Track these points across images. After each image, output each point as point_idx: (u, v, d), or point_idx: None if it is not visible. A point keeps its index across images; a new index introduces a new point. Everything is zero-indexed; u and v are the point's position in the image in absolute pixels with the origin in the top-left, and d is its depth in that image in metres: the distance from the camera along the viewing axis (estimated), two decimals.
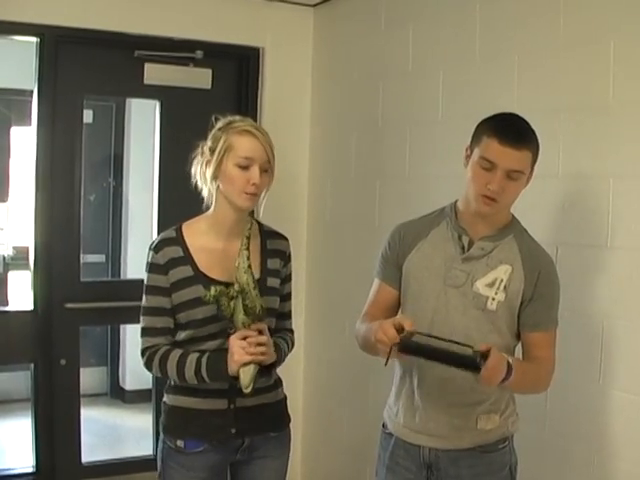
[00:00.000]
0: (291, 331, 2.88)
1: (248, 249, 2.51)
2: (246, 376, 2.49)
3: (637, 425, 2.75)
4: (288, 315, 2.87)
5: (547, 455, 3.06)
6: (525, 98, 3.18)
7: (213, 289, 2.46)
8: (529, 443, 2.98)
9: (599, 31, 2.88)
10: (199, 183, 2.70)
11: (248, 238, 2.52)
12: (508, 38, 3.28)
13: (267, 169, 2.62)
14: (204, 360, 2.56)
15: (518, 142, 2.35)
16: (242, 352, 2.47)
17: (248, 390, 2.50)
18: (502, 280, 2.44)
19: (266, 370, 2.58)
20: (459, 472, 2.50)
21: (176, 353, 2.61)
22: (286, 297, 2.82)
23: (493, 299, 2.43)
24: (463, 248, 2.49)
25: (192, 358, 2.58)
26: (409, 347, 2.22)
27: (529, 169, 2.41)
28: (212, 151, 2.60)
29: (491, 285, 2.44)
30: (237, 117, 2.69)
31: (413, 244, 2.58)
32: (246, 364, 2.49)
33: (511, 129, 2.38)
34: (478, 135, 2.43)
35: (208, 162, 2.61)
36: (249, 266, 2.49)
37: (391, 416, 2.65)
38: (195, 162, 2.71)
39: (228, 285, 2.52)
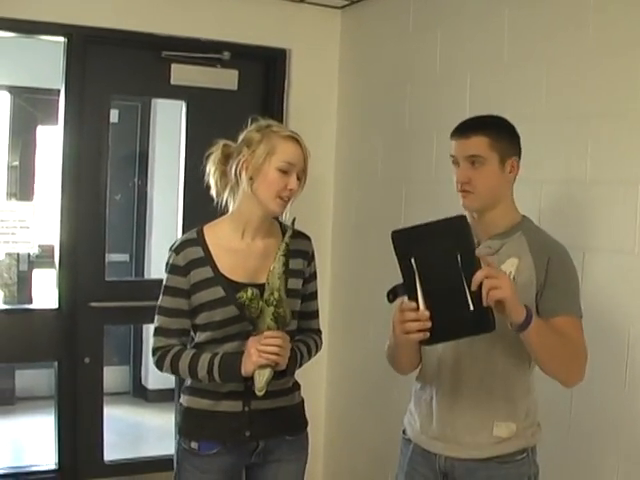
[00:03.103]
0: (318, 331, 2.88)
1: (286, 255, 2.52)
2: (262, 378, 2.50)
3: None
4: (315, 314, 2.87)
5: (572, 463, 3.04)
6: (553, 104, 3.16)
7: (250, 291, 2.46)
8: (553, 451, 2.96)
9: (629, 37, 2.86)
10: (213, 183, 2.74)
11: (287, 244, 2.54)
12: (537, 44, 3.26)
13: (301, 177, 2.65)
14: (217, 360, 2.57)
15: (465, 131, 2.47)
16: (260, 354, 2.48)
17: (262, 393, 2.52)
18: (510, 273, 2.40)
19: (280, 374, 2.59)
20: None
21: (188, 353, 2.63)
22: (312, 296, 2.83)
23: None
24: None
25: (205, 358, 2.59)
26: (401, 236, 2.18)
27: (491, 154, 2.43)
28: (252, 151, 2.61)
29: None
30: (274, 122, 2.73)
31: None
32: (263, 367, 2.50)
33: (461, 124, 2.52)
34: None
35: (246, 162, 2.62)
36: (284, 272, 2.51)
37: (411, 422, 2.65)
38: (211, 160, 2.73)
39: (247, 286, 2.54)
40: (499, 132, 2.48)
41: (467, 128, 2.47)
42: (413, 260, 2.11)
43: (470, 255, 2.09)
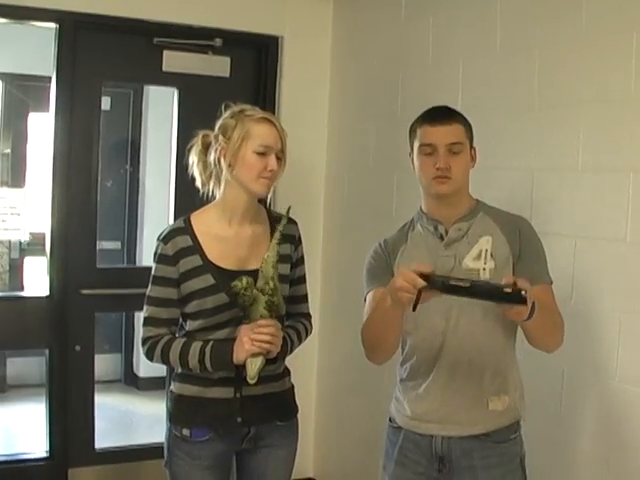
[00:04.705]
0: (307, 315, 2.88)
1: (279, 244, 2.53)
2: (254, 367, 2.51)
3: None
4: (304, 299, 2.87)
5: (561, 450, 3.04)
6: (546, 90, 3.16)
7: (245, 280, 2.47)
8: (543, 438, 2.97)
9: (621, 23, 2.86)
10: (197, 174, 2.74)
11: (281, 233, 2.55)
12: (529, 30, 3.26)
13: (280, 157, 2.64)
14: (208, 349, 2.57)
15: (446, 118, 2.52)
16: (253, 342, 2.48)
17: (253, 381, 2.52)
18: (487, 250, 2.48)
19: (271, 361, 2.59)
20: (471, 463, 2.49)
21: (179, 342, 2.62)
22: (300, 280, 2.83)
23: (484, 269, 2.47)
24: (442, 237, 2.55)
25: (196, 347, 2.59)
26: (446, 285, 2.14)
27: (466, 141, 2.54)
28: (228, 138, 2.60)
29: (478, 257, 2.49)
30: (247, 106, 2.71)
31: (396, 250, 2.63)
32: (255, 355, 2.50)
33: (436, 111, 2.58)
34: (412, 132, 2.61)
35: (223, 149, 2.61)
36: (277, 261, 2.52)
37: (399, 409, 2.65)
38: (193, 152, 2.74)
39: (236, 273, 2.55)
40: (467, 123, 2.57)
41: (446, 115, 2.53)
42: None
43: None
